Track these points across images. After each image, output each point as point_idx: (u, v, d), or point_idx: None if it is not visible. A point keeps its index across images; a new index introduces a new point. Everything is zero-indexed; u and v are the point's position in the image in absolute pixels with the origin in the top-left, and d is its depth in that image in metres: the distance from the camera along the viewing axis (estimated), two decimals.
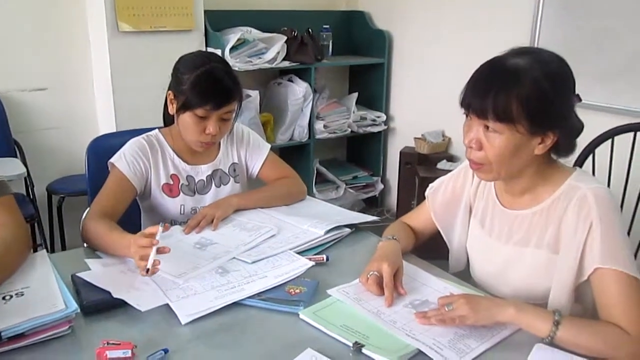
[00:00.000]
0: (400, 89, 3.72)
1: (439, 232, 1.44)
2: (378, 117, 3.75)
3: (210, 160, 1.67)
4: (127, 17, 2.78)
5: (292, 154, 3.70)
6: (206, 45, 3.09)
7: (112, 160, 1.56)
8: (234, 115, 1.59)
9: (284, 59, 3.26)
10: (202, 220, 1.51)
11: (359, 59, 3.78)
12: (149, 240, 1.22)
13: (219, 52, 3.01)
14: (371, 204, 3.94)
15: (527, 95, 1.07)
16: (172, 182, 1.62)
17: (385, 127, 3.78)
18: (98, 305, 1.14)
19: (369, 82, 3.82)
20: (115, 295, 1.15)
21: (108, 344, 1.00)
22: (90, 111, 3.11)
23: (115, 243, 1.32)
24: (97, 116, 3.12)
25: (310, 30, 3.37)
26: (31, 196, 2.83)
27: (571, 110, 1.13)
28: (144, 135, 1.63)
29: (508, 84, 1.08)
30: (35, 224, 2.75)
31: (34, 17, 2.85)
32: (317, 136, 3.52)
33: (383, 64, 3.68)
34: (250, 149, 1.74)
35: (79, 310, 1.08)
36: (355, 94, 3.70)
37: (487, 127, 1.12)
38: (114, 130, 2.83)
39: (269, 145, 1.78)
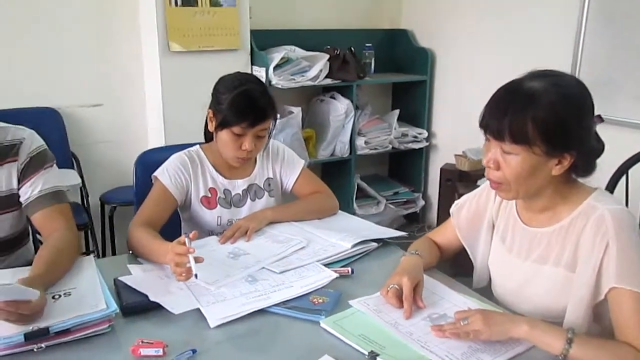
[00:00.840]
0: (442, 106, 3.74)
1: (464, 248, 1.47)
2: (420, 133, 3.78)
3: (247, 175, 1.76)
4: (178, 38, 2.94)
5: (333, 169, 3.78)
6: (251, 64, 3.22)
7: (155, 173, 1.68)
8: (268, 132, 1.68)
9: (326, 77, 3.35)
10: (237, 231, 1.60)
11: (402, 76, 3.83)
12: (185, 248, 1.31)
13: (263, 70, 3.14)
14: (412, 220, 3.96)
15: (542, 118, 1.10)
16: (210, 195, 1.72)
17: (427, 143, 3.80)
18: (136, 307, 1.24)
19: (411, 99, 3.86)
20: (152, 299, 1.24)
21: (142, 342, 1.09)
22: (142, 126, 3.29)
23: (155, 251, 1.42)
24: (148, 131, 3.29)
25: (352, 48, 3.45)
26: (85, 205, 3.01)
27: (589, 132, 1.15)
28: (185, 150, 1.74)
29: (524, 106, 1.12)
30: (89, 231, 2.94)
31: (94, 38, 3.05)
32: (358, 152, 3.58)
33: (425, 81, 3.72)
34: (284, 165, 1.82)
35: (118, 311, 1.18)
36: (397, 111, 3.75)
37: (504, 148, 1.15)
38: (163, 144, 2.99)
39: (303, 162, 1.86)
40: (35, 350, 1.08)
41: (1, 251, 1.52)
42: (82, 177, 3.04)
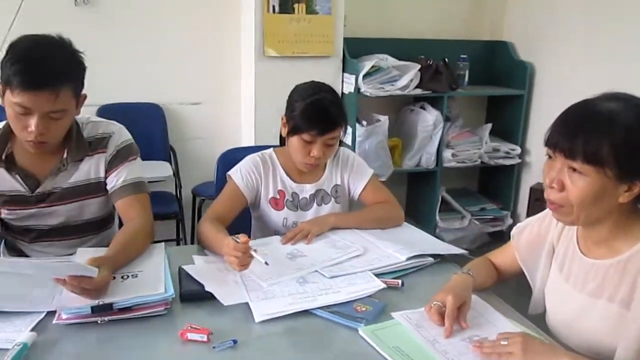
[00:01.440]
0: (538, 122, 3.58)
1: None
2: (512, 149, 3.64)
3: (315, 180, 1.82)
4: (273, 43, 3.08)
5: (418, 180, 3.75)
6: (343, 71, 3.29)
7: (229, 172, 1.78)
8: (337, 141, 1.72)
9: (417, 87, 3.34)
10: (299, 233, 1.66)
11: (497, 89, 3.71)
12: (244, 246, 1.38)
13: (353, 77, 3.19)
14: (497, 238, 3.81)
15: (619, 141, 1.05)
16: (278, 197, 1.80)
17: (519, 160, 3.65)
18: (192, 294, 1.34)
19: (506, 114, 3.73)
20: (207, 288, 1.34)
21: (191, 327, 1.18)
22: (236, 125, 3.47)
23: (218, 243, 1.51)
24: (242, 130, 3.47)
25: (446, 59, 3.40)
26: (178, 196, 3.24)
27: None
28: (259, 152, 1.84)
29: (600, 127, 1.07)
30: (179, 221, 3.16)
31: (199, 42, 3.29)
32: (445, 164, 3.52)
33: (522, 96, 3.58)
34: (353, 173, 1.86)
35: (174, 296, 1.28)
36: (489, 125, 3.64)
37: (572, 168, 1.11)
38: (253, 144, 3.15)
39: (371, 171, 1.89)
40: (99, 322, 1.20)
41: (88, 232, 1.69)
42: (177, 169, 3.28)
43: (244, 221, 1.86)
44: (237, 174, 1.77)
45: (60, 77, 1.38)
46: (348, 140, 3.29)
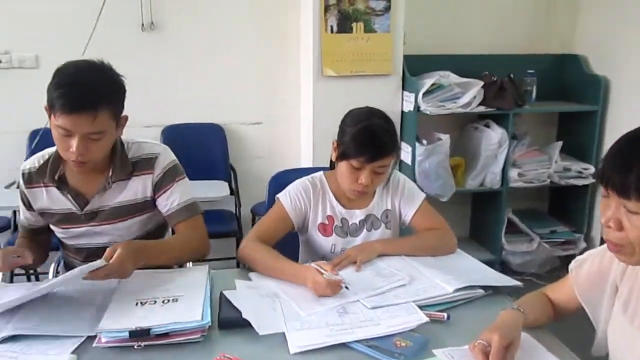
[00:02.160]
0: (614, 140, 3.33)
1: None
2: (585, 169, 3.42)
3: (365, 205, 1.77)
4: (331, 63, 3.07)
5: (482, 201, 3.60)
6: (402, 89, 3.23)
7: (278, 195, 1.77)
8: (388, 169, 1.67)
9: (480, 104, 3.22)
10: (345, 260, 1.62)
11: (568, 105, 3.52)
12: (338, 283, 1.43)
13: (412, 95, 3.12)
14: (568, 263, 3.57)
15: None
16: (327, 223, 1.76)
17: (593, 180, 3.42)
18: (229, 322, 1.32)
19: (578, 131, 3.52)
20: (244, 316, 1.32)
21: (224, 357, 1.17)
22: (296, 145, 3.48)
23: (288, 272, 1.53)
24: (301, 150, 3.48)
25: (511, 75, 3.26)
26: (237, 214, 3.28)
27: None
28: (309, 176, 1.81)
29: None
30: (238, 239, 3.19)
31: (258, 63, 3.34)
32: (511, 184, 3.36)
33: (596, 112, 3.37)
34: (404, 198, 1.79)
35: (210, 324, 1.27)
36: (560, 143, 3.45)
37: (628, 207, 1.01)
38: (311, 165, 3.14)
39: (423, 195, 1.82)
40: (135, 347, 1.21)
41: None
42: (237, 188, 3.33)
43: (288, 243, 1.83)
44: (286, 197, 1.75)
45: (98, 100, 1.44)
46: (408, 159, 3.22)
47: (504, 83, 3.21)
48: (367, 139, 1.60)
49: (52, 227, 1.69)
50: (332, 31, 3.04)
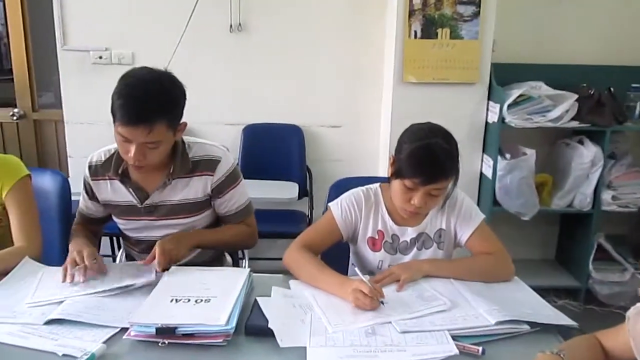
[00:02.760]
0: None
1: None
2: None
3: (417, 223, 1.69)
4: (413, 69, 2.99)
5: (570, 223, 3.35)
6: (488, 99, 3.07)
7: (330, 203, 1.74)
8: (445, 192, 1.60)
9: (573, 119, 2.98)
10: (388, 277, 1.56)
11: None
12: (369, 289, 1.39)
13: (497, 107, 2.96)
14: None
15: None
16: (377, 237, 1.71)
17: None
18: (256, 329, 1.32)
19: None
20: (270, 325, 1.31)
21: None
22: (374, 150, 3.43)
23: (331, 283, 1.50)
24: (379, 156, 3.42)
25: (611, 88, 2.99)
26: (310, 216, 3.29)
27: None
28: (364, 187, 1.76)
29: None
30: None
31: (340, 66, 3.33)
32: (603, 207, 3.08)
33: None
34: (461, 218, 1.69)
35: (233, 330, 1.28)
36: None
37: None
38: (386, 174, 3.08)
39: (482, 217, 1.70)
40: (159, 344, 1.25)
41: None
42: (311, 190, 3.35)
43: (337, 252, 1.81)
44: (337, 207, 1.72)
45: (154, 114, 1.50)
46: (488, 173, 3.06)
47: (602, 97, 2.95)
48: (424, 159, 1.52)
49: (114, 218, 1.80)
50: (415, 36, 2.96)
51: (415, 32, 2.95)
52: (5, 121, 3.43)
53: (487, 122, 3.09)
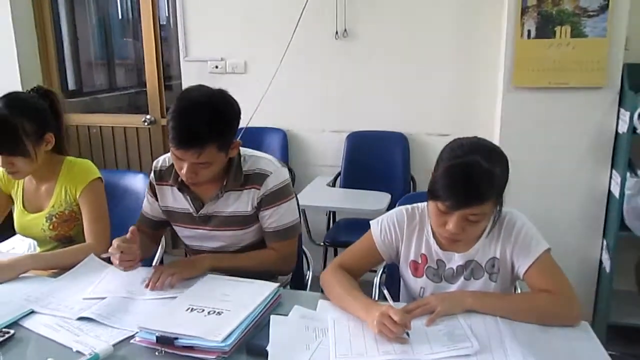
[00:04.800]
0: None
1: None
2: None
3: (466, 249, 1.50)
4: (525, 72, 2.69)
5: None
6: (619, 106, 2.64)
7: (372, 221, 1.62)
8: (486, 218, 1.39)
9: None
10: (422, 307, 1.40)
11: None
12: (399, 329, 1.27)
13: (627, 115, 2.53)
14: None
15: None
16: (419, 262, 1.55)
17: None
18: (254, 349, 1.28)
19: None
20: (268, 347, 1.26)
21: None
22: None
23: (358, 307, 1.39)
24: None
25: None
26: None
27: None
28: (410, 205, 1.61)
29: None
30: None
31: (450, 71, 3.12)
32: None
33: None
34: (518, 247, 1.46)
35: (227, 348, 1.24)
36: None
37: None
38: None
39: (544, 247, 1.44)
40: (156, 353, 1.27)
41: None
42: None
43: None
44: (377, 226, 1.59)
45: (204, 138, 1.52)
46: (616, 191, 2.63)
47: None
48: (456, 180, 1.33)
49: (172, 225, 1.87)
50: (528, 36, 2.65)
51: (529, 32, 2.64)
52: (139, 126, 3.82)
53: (616, 133, 2.66)
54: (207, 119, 1.52)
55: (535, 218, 2.84)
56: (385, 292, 1.41)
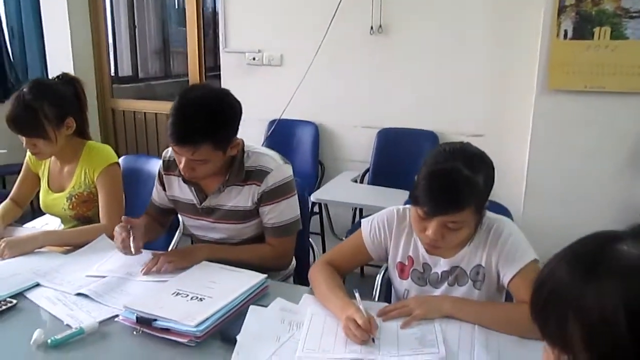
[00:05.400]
0: None
1: None
2: None
3: (451, 254, 1.48)
4: (560, 75, 2.59)
5: None
6: None
7: (363, 220, 1.63)
8: (467, 225, 1.36)
9: None
10: (398, 310, 1.40)
11: None
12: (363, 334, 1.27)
13: None
14: None
15: None
16: (406, 263, 1.54)
17: None
18: (225, 337, 1.32)
19: None
20: (238, 336, 1.30)
21: None
22: (520, 165, 3.05)
23: (335, 304, 1.41)
24: (525, 172, 3.03)
25: None
26: None
27: None
28: (402, 206, 1.60)
29: None
30: None
31: (487, 69, 3.05)
32: None
33: None
34: (504, 255, 1.42)
35: (200, 333, 1.29)
36: None
37: None
38: (523, 189, 2.74)
39: (531, 257, 1.39)
40: (134, 332, 1.34)
41: None
42: None
43: None
44: (367, 225, 1.59)
45: (198, 136, 1.56)
46: None
47: None
48: (434, 186, 1.31)
49: (179, 214, 1.94)
50: (565, 37, 2.54)
51: (566, 32, 2.54)
52: None
53: None
54: (203, 118, 1.56)
55: (560, 229, 2.75)
56: (356, 294, 1.40)
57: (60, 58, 3.99)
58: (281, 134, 3.45)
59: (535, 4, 2.75)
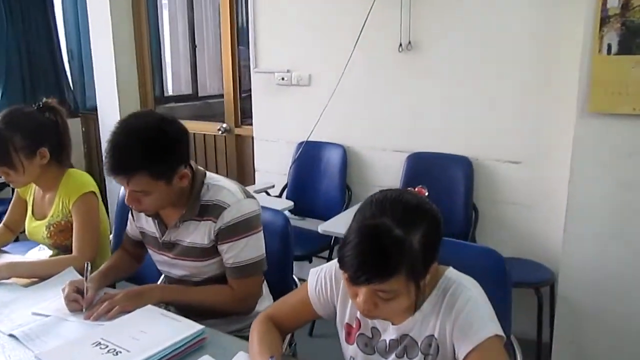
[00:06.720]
0: None
1: None
2: None
3: (400, 320, 1.24)
4: (602, 96, 2.22)
5: None
6: None
7: (311, 270, 1.41)
8: (403, 295, 1.11)
9: None
10: None
11: None
12: None
13: None
14: None
15: None
16: (353, 326, 1.32)
17: None
18: None
19: None
20: None
21: None
22: (561, 196, 2.66)
23: (254, 353, 1.28)
24: (564, 203, 2.63)
25: None
26: None
27: None
28: None
29: None
30: None
31: (524, 90, 2.72)
32: None
33: None
34: (458, 326, 1.16)
35: None
36: None
37: None
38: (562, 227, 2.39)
39: (489, 332, 1.13)
40: None
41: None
42: (473, 233, 2.85)
43: None
44: (314, 277, 1.38)
45: (130, 167, 1.47)
46: None
47: None
48: (358, 250, 1.07)
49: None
50: (609, 52, 2.18)
51: (609, 46, 2.17)
52: (216, 134, 3.92)
53: None
54: (136, 146, 1.46)
55: (602, 270, 2.37)
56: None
57: (106, 79, 4.12)
58: (308, 157, 3.30)
59: (577, 16, 2.39)
